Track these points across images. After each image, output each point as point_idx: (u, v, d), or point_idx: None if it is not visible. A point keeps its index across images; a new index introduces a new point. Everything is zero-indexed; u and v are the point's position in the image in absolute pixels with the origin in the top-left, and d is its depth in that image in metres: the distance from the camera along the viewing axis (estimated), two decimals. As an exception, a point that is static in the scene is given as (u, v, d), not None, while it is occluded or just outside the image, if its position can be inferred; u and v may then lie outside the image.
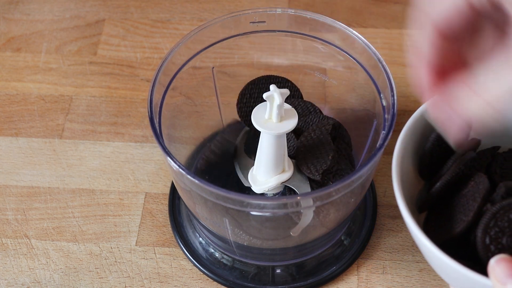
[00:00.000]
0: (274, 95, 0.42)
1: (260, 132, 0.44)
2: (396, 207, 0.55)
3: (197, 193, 0.42)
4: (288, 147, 0.48)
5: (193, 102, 0.55)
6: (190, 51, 0.49)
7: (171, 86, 0.47)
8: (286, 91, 0.42)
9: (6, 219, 0.55)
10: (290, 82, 0.52)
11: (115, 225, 0.54)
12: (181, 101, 0.53)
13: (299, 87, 0.54)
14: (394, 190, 0.40)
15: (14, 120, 0.62)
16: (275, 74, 0.52)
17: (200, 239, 0.53)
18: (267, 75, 0.51)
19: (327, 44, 0.50)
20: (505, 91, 0.32)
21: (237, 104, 0.51)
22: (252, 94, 0.51)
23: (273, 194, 0.49)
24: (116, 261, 0.52)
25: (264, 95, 0.42)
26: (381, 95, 0.46)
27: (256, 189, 0.48)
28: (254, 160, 0.48)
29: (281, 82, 0.51)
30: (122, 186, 0.57)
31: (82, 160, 0.59)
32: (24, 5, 0.73)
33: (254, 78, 0.52)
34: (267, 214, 0.44)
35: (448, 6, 0.34)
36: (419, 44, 0.36)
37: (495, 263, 0.35)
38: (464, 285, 0.39)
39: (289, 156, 0.49)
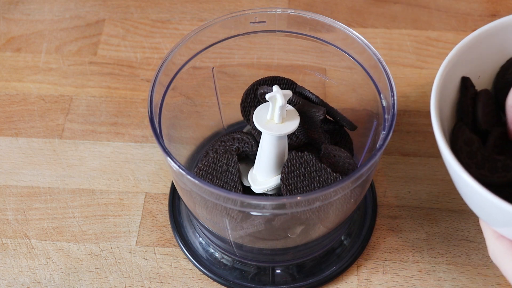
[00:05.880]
0: (277, 96, 0.42)
1: (261, 132, 0.44)
2: (396, 207, 0.55)
3: (197, 193, 0.42)
4: (296, 140, 0.48)
5: (193, 102, 0.55)
6: (190, 51, 0.49)
7: (171, 86, 0.47)
8: (289, 93, 0.42)
9: (6, 219, 0.55)
10: (296, 84, 0.52)
11: (115, 225, 0.54)
12: (181, 101, 0.53)
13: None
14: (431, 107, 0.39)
15: (14, 120, 0.62)
16: (275, 74, 0.51)
17: (200, 239, 0.53)
18: (273, 76, 0.51)
19: (327, 44, 0.50)
20: None
21: (241, 104, 0.50)
22: (257, 94, 0.51)
23: (273, 194, 0.49)
24: (116, 261, 0.52)
25: (267, 96, 0.42)
26: (381, 95, 0.46)
27: (256, 189, 0.48)
28: (254, 160, 0.48)
29: (287, 84, 0.51)
30: (122, 186, 0.57)
31: (82, 160, 0.59)
32: (24, 5, 0.73)
33: (256, 78, 0.52)
34: (267, 214, 0.44)
35: None
36: None
37: None
38: (495, 217, 0.36)
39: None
